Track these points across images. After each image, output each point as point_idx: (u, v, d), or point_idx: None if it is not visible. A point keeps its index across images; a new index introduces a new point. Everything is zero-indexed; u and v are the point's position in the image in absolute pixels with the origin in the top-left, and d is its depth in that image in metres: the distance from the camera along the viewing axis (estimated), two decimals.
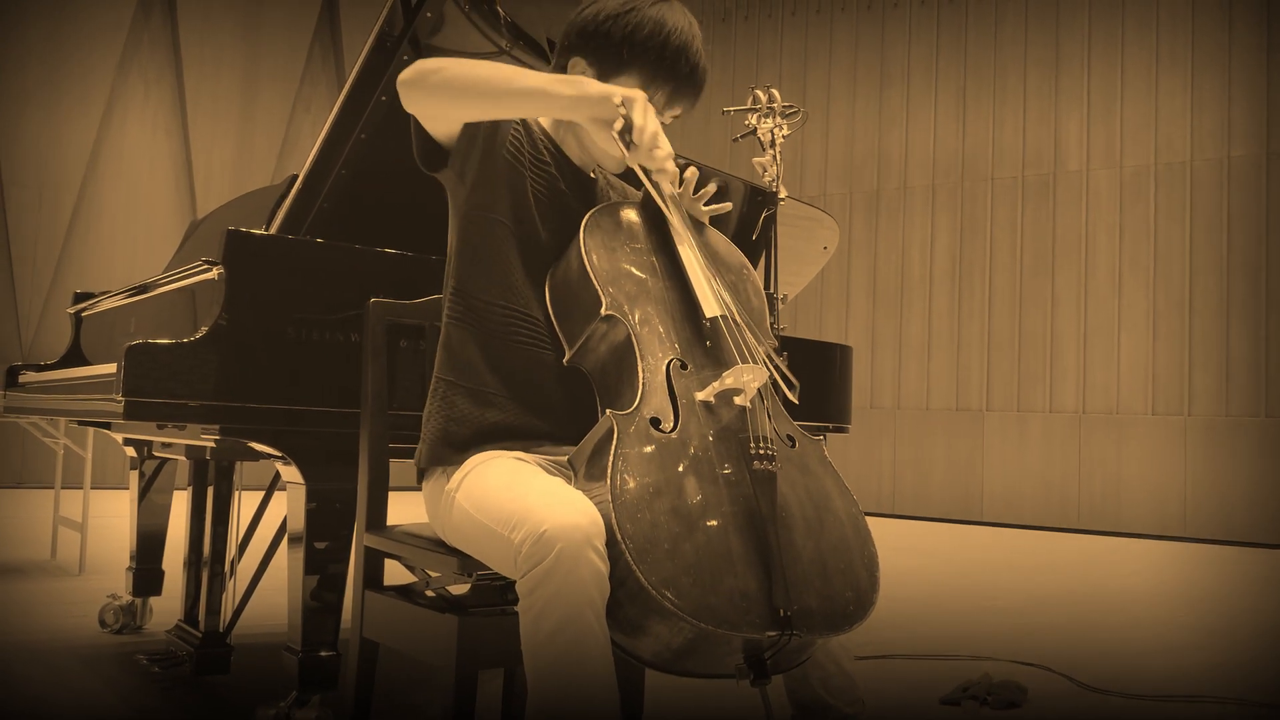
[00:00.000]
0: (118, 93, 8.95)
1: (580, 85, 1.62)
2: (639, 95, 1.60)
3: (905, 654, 3.30)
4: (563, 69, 1.78)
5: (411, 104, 1.66)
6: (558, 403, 1.69)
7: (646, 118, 1.59)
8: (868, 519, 1.56)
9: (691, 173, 1.82)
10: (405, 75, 1.63)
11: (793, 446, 1.58)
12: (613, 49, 1.72)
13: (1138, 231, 8.21)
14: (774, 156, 3.65)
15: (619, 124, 1.59)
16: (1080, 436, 8.26)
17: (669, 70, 1.72)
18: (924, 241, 9.06)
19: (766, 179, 3.64)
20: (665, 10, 1.72)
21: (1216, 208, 7.93)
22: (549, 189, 1.75)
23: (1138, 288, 8.15)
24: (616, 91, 1.60)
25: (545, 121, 1.83)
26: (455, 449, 1.67)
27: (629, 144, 1.60)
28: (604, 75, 1.73)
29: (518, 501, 1.45)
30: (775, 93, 3.74)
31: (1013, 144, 8.76)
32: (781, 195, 3.66)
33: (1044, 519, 8.29)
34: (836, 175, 9.48)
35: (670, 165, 1.67)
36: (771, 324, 2.78)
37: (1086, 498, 8.18)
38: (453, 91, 1.63)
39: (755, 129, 3.73)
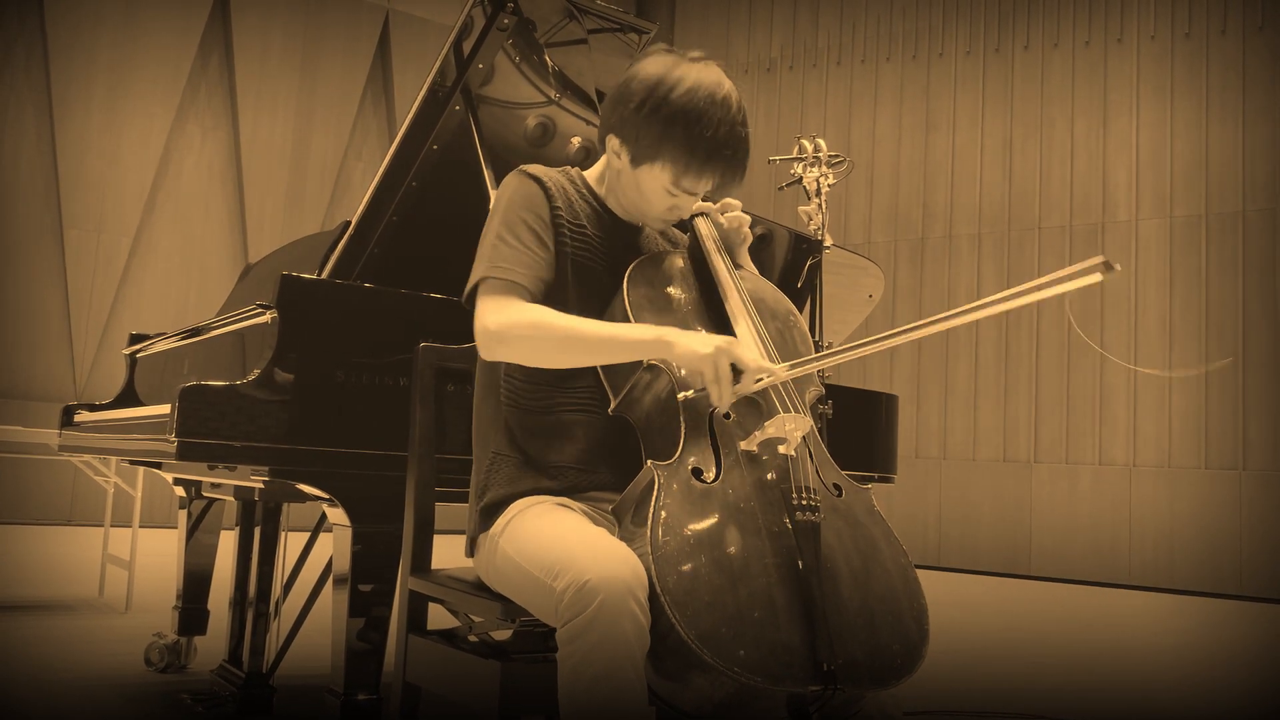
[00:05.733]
0: (175, 138, 9.17)
1: (671, 349, 1.54)
2: (745, 364, 1.51)
3: (953, 709, 3.23)
4: (601, 142, 1.78)
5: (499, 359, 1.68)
6: (603, 458, 1.70)
7: (724, 386, 1.50)
8: None
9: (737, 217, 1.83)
10: (484, 345, 1.65)
11: (839, 495, 1.56)
12: (646, 139, 1.67)
13: (1189, 281, 8.10)
14: (819, 205, 3.66)
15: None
16: (1131, 490, 8.10)
17: (701, 162, 1.66)
18: (970, 290, 8.99)
19: (812, 227, 3.65)
20: (695, 95, 1.63)
21: (1269, 258, 7.81)
22: (586, 250, 1.75)
23: (1189, 338, 8.03)
24: (710, 361, 1.50)
25: (591, 176, 1.85)
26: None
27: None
28: (636, 160, 1.70)
29: (561, 550, 1.45)
30: (821, 142, 3.76)
31: (1060, 193, 8.70)
32: (827, 243, 3.67)
33: (1094, 574, 8.12)
34: (882, 223, 9.46)
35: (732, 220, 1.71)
36: (817, 372, 2.77)
37: (1138, 553, 8.00)
38: (540, 358, 1.65)
39: (801, 178, 3.74)
